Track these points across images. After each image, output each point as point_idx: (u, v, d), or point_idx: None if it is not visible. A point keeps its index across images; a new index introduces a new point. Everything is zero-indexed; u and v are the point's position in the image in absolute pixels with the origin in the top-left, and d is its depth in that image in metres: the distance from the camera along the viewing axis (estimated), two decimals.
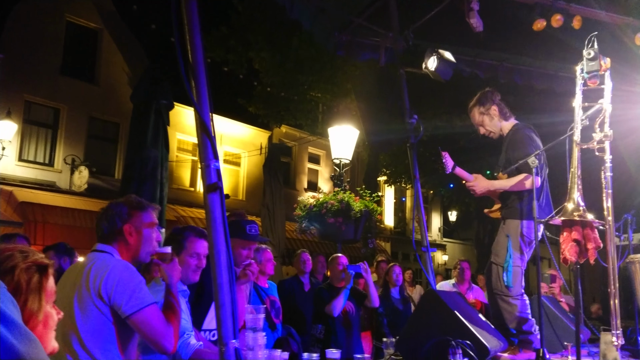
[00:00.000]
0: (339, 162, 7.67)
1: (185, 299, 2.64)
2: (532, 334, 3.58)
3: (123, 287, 2.09)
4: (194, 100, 2.23)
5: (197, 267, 2.65)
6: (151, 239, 2.34)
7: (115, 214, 2.30)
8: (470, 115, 4.09)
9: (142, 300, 2.10)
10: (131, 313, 2.07)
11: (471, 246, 21.59)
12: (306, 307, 5.54)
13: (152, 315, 2.10)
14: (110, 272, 2.10)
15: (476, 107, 4.00)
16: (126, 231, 2.27)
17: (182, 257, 2.63)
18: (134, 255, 2.32)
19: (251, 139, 17.63)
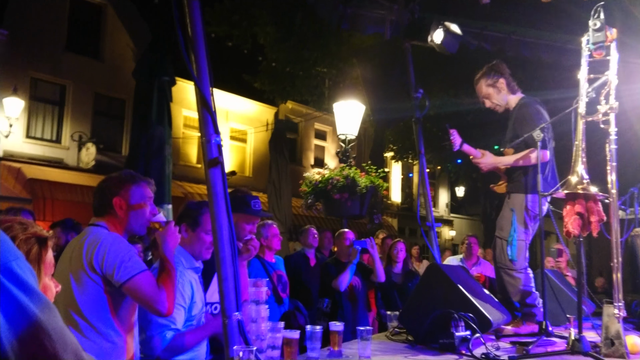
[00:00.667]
0: (344, 137, 7.64)
1: (198, 275, 2.66)
2: (536, 307, 3.60)
3: (113, 257, 2.14)
4: (194, 75, 2.21)
5: (212, 244, 2.67)
6: (143, 212, 2.37)
7: (105, 187, 2.35)
8: (476, 88, 4.03)
9: (132, 268, 2.15)
10: (124, 281, 2.13)
11: (478, 221, 21.58)
12: (312, 281, 5.60)
13: (144, 282, 2.15)
14: (100, 245, 2.16)
15: (483, 79, 3.95)
16: (116, 204, 2.31)
17: (197, 233, 2.64)
18: (125, 228, 2.35)
19: (257, 116, 17.58)
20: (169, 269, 2.25)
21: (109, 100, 14.61)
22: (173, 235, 2.35)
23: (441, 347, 2.85)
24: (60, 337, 0.97)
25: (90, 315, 2.14)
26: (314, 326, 2.66)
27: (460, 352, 2.76)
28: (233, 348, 2.00)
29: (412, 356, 2.75)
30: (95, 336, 2.13)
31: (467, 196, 22.84)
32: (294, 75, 11.84)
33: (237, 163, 17.16)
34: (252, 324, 2.27)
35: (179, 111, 14.79)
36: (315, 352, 2.61)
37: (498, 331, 3.45)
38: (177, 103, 12.87)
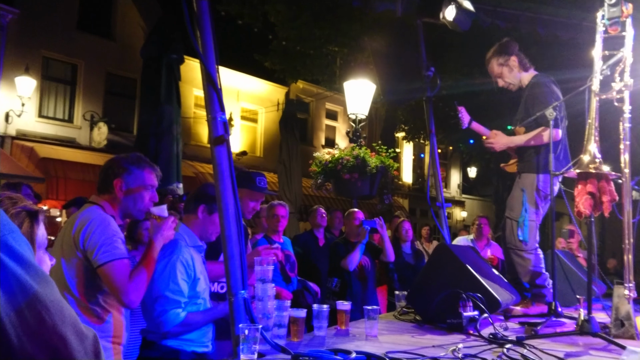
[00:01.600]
0: (354, 117, 7.57)
1: (202, 254, 2.67)
2: (545, 287, 3.58)
3: (97, 238, 2.15)
4: (199, 51, 2.19)
5: None
6: (142, 197, 2.37)
7: (109, 167, 2.37)
8: (488, 67, 3.97)
9: (111, 253, 2.15)
10: (100, 264, 2.14)
11: (490, 202, 21.46)
12: (321, 261, 5.62)
13: (118, 270, 2.15)
14: (89, 223, 2.18)
15: (494, 58, 3.88)
16: (116, 185, 2.32)
17: (213, 217, 2.62)
18: (122, 211, 2.37)
19: (268, 95, 17.52)
20: (150, 259, 2.25)
21: (120, 79, 14.61)
22: (168, 230, 2.35)
23: (449, 326, 2.84)
24: (58, 309, 0.97)
25: (75, 289, 2.19)
26: (321, 305, 2.67)
27: (467, 332, 2.75)
28: (239, 326, 2.00)
29: (419, 336, 2.75)
30: (81, 311, 2.17)
31: (479, 177, 22.69)
32: (304, 55, 11.73)
33: (248, 143, 17.16)
34: (259, 302, 2.28)
35: (190, 90, 14.76)
36: (322, 330, 2.62)
37: (507, 311, 3.44)
38: (188, 82, 12.84)
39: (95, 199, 2.35)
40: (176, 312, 2.38)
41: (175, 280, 2.40)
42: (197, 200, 2.62)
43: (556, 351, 2.34)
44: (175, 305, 2.38)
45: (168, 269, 2.41)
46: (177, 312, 2.38)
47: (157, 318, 2.38)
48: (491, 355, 2.23)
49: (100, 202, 2.33)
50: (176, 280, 2.40)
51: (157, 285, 2.39)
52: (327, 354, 2.03)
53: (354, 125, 7.59)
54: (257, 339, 1.98)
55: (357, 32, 10.20)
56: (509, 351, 2.27)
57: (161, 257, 2.42)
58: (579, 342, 2.63)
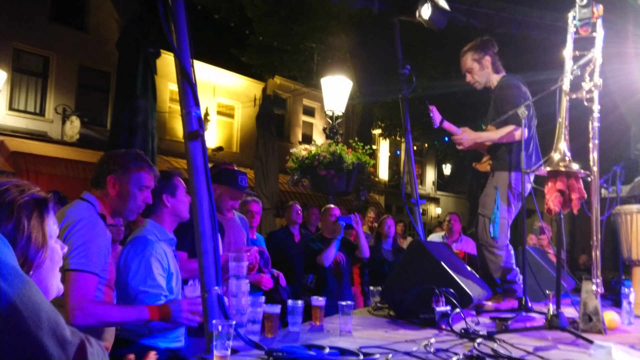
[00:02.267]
0: (331, 113, 7.58)
1: (172, 247, 2.65)
2: (516, 283, 3.64)
3: (75, 240, 2.05)
4: (174, 45, 2.17)
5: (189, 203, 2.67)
6: (136, 197, 2.29)
7: (106, 162, 2.30)
8: (461, 60, 3.97)
9: (82, 263, 2.04)
10: (67, 268, 2.02)
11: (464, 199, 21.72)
12: (296, 257, 5.63)
13: (79, 283, 2.02)
14: (75, 223, 2.08)
15: (470, 53, 3.90)
16: (109, 182, 2.25)
17: (178, 197, 2.63)
18: (114, 209, 2.29)
19: (245, 90, 17.41)
20: (136, 314, 2.13)
21: (94, 72, 14.35)
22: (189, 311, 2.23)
23: (422, 321, 2.88)
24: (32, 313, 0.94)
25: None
26: (295, 301, 2.67)
27: (440, 326, 2.79)
28: (212, 322, 2.00)
29: (393, 331, 2.78)
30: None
31: (454, 174, 22.95)
32: (282, 50, 11.68)
33: (225, 138, 17.04)
34: (233, 299, 2.27)
35: (166, 85, 14.58)
36: (297, 326, 2.63)
37: (479, 307, 3.49)
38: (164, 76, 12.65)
39: (88, 194, 2.26)
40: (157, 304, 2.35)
41: (152, 275, 2.38)
42: (156, 194, 2.54)
43: (526, 345, 2.39)
44: (156, 299, 2.36)
45: (143, 266, 2.38)
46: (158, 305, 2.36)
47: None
48: (462, 349, 2.26)
49: (93, 197, 2.24)
50: (153, 276, 2.38)
51: (133, 284, 2.36)
52: (300, 349, 2.04)
53: (330, 121, 7.61)
54: (231, 335, 1.97)
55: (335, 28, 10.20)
56: (479, 345, 2.31)
57: (134, 256, 2.39)
58: (548, 337, 2.69)
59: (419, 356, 2.10)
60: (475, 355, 2.12)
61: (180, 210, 2.64)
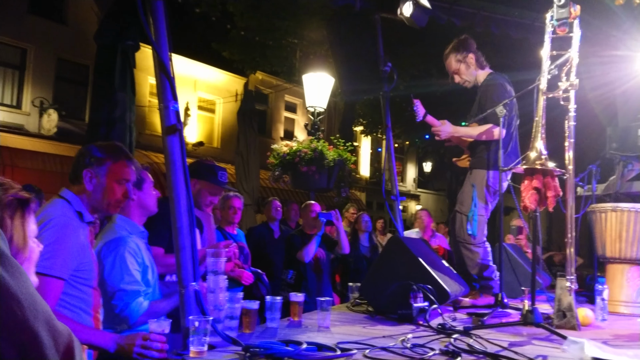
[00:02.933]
0: (313, 110, 7.57)
1: (144, 240, 2.62)
2: (493, 279, 3.69)
3: (44, 241, 1.89)
4: (152, 38, 2.14)
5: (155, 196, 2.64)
6: (114, 191, 2.21)
7: (81, 155, 2.21)
8: (446, 63, 4.02)
9: (50, 267, 1.93)
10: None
11: (444, 197, 21.93)
12: (276, 253, 5.63)
13: (44, 287, 1.89)
14: (46, 222, 2.01)
15: (453, 54, 3.94)
16: (85, 176, 2.18)
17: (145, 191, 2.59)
18: (93, 205, 2.20)
19: (226, 86, 17.31)
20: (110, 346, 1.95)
21: (72, 65, 14.13)
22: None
23: (399, 317, 2.90)
24: (31, 303, 0.95)
25: None
26: (273, 297, 2.67)
27: (417, 322, 2.81)
28: (189, 318, 1.98)
29: (370, 326, 2.79)
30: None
31: (434, 172, 23.14)
32: (264, 45, 11.61)
33: (205, 134, 16.93)
34: (210, 295, 2.26)
35: (145, 79, 14.42)
36: (275, 322, 2.63)
37: (456, 302, 3.53)
38: (144, 70, 12.51)
39: (65, 191, 2.18)
40: (138, 302, 2.34)
41: (129, 271, 2.35)
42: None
43: (501, 341, 2.42)
44: (135, 296, 2.34)
45: (118, 263, 2.35)
46: (139, 302, 2.34)
47: (120, 313, 2.32)
48: (439, 345, 2.28)
49: (71, 194, 2.16)
50: (129, 272, 2.35)
51: (110, 282, 2.33)
52: (278, 345, 2.04)
53: (311, 118, 7.60)
54: (208, 330, 1.97)
55: (317, 25, 10.18)
56: (456, 341, 2.33)
57: (107, 254, 2.35)
58: (522, 332, 2.73)
59: (396, 351, 2.11)
60: (451, 350, 2.14)
61: (148, 203, 2.60)
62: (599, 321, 3.19)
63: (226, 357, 1.96)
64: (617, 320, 3.34)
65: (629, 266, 3.68)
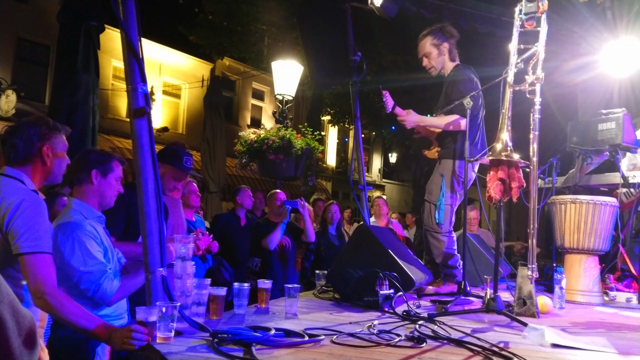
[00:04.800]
0: (281, 98, 7.54)
1: (102, 225, 2.55)
2: (457, 268, 3.76)
3: (23, 222, 1.98)
4: (121, 19, 2.08)
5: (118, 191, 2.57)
6: (65, 161, 2.28)
7: (33, 133, 2.17)
8: (420, 43, 3.98)
9: (37, 245, 1.99)
10: (22, 252, 1.97)
11: (409, 187, 22.22)
12: (242, 241, 5.60)
13: (38, 264, 1.97)
14: (19, 204, 2.00)
15: (430, 37, 3.92)
16: (44, 152, 2.17)
17: (108, 179, 2.50)
18: (47, 177, 2.23)
19: (192, 71, 17.02)
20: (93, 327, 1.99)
21: (32, 45, 13.63)
22: None
23: (366, 304, 2.93)
24: None
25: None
26: (241, 283, 2.66)
27: (383, 309, 2.86)
28: (156, 304, 1.96)
29: (337, 313, 2.82)
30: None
31: (399, 162, 23.40)
32: (232, 31, 11.47)
33: (170, 119, 16.63)
34: (178, 280, 2.23)
35: (109, 61, 14.05)
36: (242, 309, 2.62)
37: (420, 290, 3.60)
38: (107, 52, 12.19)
39: (11, 170, 2.14)
40: (108, 280, 2.28)
41: (90, 254, 2.28)
42: (86, 167, 2.45)
43: (464, 327, 2.48)
44: (103, 275, 2.28)
45: (77, 247, 2.27)
46: (110, 279, 2.29)
47: (94, 296, 2.27)
48: (404, 331, 2.32)
49: (20, 172, 2.15)
50: (90, 254, 2.29)
51: (74, 268, 2.26)
52: (246, 331, 2.03)
53: (279, 106, 7.57)
54: (175, 317, 1.95)
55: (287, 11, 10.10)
56: (420, 327, 2.38)
57: (65, 240, 2.28)
58: (484, 319, 2.80)
59: (362, 337, 2.14)
60: (416, 336, 2.18)
61: (106, 194, 2.50)
62: (557, 309, 3.31)
63: (193, 343, 1.95)
64: (574, 309, 3.47)
65: (586, 256, 3.81)
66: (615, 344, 2.30)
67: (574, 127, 4.71)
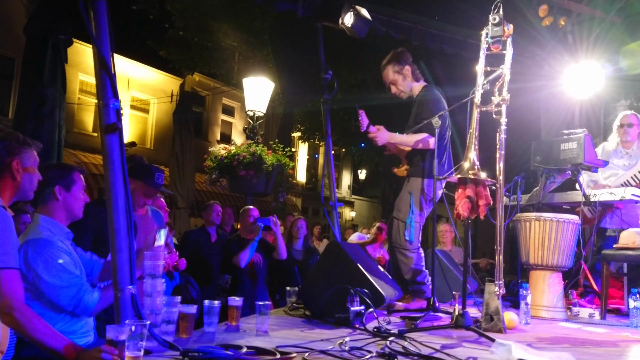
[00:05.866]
0: (252, 114, 7.55)
1: (70, 242, 2.52)
2: (425, 284, 3.81)
3: None
4: (93, 34, 2.07)
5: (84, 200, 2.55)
6: (35, 176, 2.22)
7: (2, 147, 2.13)
8: (383, 74, 4.13)
9: (6, 260, 1.92)
10: None
11: (378, 203, 22.38)
12: (213, 257, 5.56)
13: (7, 281, 1.91)
14: None
15: (390, 65, 4.05)
16: (14, 167, 2.11)
17: (73, 193, 2.48)
18: (17, 193, 2.17)
19: (161, 85, 16.88)
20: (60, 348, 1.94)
21: None
22: None
23: (336, 321, 2.94)
24: None
25: None
26: (212, 301, 2.63)
27: (354, 326, 2.87)
28: (125, 322, 1.93)
29: (309, 330, 2.81)
30: None
31: (368, 179, 23.59)
32: (202, 46, 11.44)
33: (138, 134, 16.41)
34: (147, 298, 2.20)
35: (76, 75, 13.83)
36: (212, 326, 2.59)
37: (390, 306, 3.62)
38: (74, 66, 12.03)
39: None
40: (88, 293, 2.29)
41: (65, 270, 2.28)
42: (48, 184, 2.41)
43: (434, 343, 2.51)
44: (81, 288, 2.28)
45: (51, 263, 2.25)
46: (89, 292, 2.29)
47: (75, 310, 2.27)
48: (375, 347, 2.34)
49: None
50: (66, 270, 2.28)
51: (49, 283, 2.23)
52: (217, 349, 2.02)
53: (250, 122, 7.58)
54: (144, 335, 1.91)
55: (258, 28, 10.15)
56: (391, 343, 2.39)
57: (36, 257, 2.24)
58: (453, 335, 2.84)
59: (334, 354, 2.14)
60: (387, 352, 2.19)
61: (73, 207, 2.49)
62: (523, 324, 3.37)
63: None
64: (539, 324, 3.54)
65: (550, 272, 3.91)
66: (579, 359, 2.36)
67: (537, 146, 4.86)
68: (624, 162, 4.84)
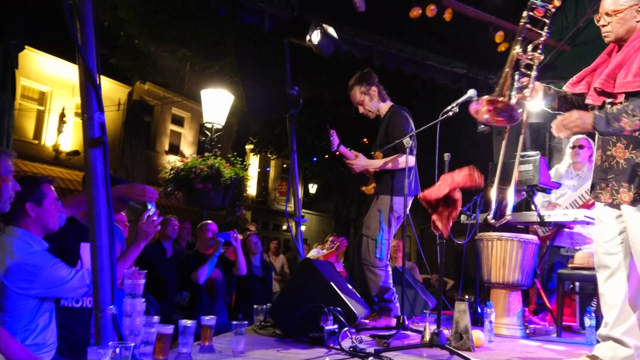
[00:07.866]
0: (211, 126, 7.45)
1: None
2: (392, 302, 3.85)
3: None
4: (78, 43, 2.00)
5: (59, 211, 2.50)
6: (8, 186, 2.14)
7: None
8: (350, 94, 4.18)
9: None
10: None
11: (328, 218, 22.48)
12: (168, 273, 5.38)
13: None
14: None
15: (357, 86, 4.11)
16: None
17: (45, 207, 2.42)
18: None
19: (108, 93, 16.29)
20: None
21: None
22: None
23: (311, 340, 2.91)
24: None
25: None
26: (185, 320, 2.56)
27: (328, 345, 2.85)
28: (108, 344, 1.85)
29: (284, 350, 2.78)
30: None
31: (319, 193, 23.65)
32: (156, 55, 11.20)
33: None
34: (127, 318, 2.12)
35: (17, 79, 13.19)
36: (187, 347, 2.51)
37: (358, 325, 3.62)
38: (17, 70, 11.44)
39: None
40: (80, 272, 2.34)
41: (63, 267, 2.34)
42: (18, 201, 2.33)
43: None
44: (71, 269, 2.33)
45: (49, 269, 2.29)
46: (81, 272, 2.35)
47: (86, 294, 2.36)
48: None
49: None
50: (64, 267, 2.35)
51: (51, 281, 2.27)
52: None
53: (208, 134, 7.47)
54: (128, 358, 1.84)
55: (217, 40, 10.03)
56: None
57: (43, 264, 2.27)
58: (423, 354, 2.88)
59: None
60: None
61: (48, 221, 2.43)
62: (488, 342, 3.46)
63: None
64: (502, 342, 3.64)
65: (511, 291, 4.03)
66: None
67: (493, 167, 5.02)
68: (574, 183, 5.08)
